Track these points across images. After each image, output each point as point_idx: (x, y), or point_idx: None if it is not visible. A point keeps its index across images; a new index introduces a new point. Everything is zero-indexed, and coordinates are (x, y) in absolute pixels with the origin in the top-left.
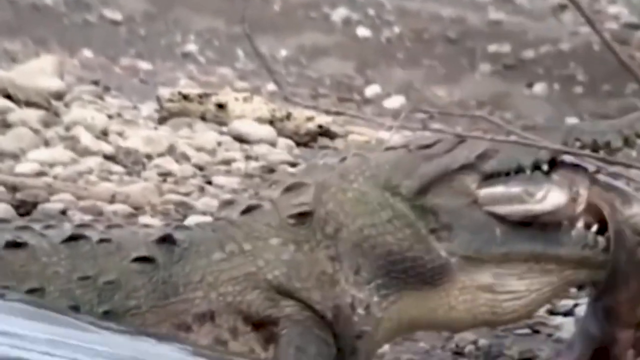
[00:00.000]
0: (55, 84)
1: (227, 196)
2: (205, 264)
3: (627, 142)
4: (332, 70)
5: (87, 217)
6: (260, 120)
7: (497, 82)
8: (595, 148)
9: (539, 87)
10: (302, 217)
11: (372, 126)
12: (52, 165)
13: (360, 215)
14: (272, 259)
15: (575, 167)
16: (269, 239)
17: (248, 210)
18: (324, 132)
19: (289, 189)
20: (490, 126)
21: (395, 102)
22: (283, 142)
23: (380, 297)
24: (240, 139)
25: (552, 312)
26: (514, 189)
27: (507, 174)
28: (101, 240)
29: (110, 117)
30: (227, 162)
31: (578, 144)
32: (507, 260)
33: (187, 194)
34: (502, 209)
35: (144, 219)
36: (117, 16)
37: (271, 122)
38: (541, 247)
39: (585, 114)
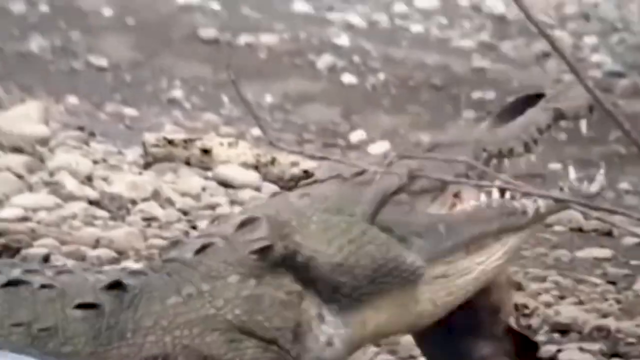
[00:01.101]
0: (40, 129)
1: (172, 237)
2: (159, 309)
3: (527, 148)
4: (317, 116)
5: (71, 262)
6: (245, 165)
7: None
8: (501, 156)
9: None
10: (263, 252)
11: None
12: (35, 210)
13: (334, 239)
14: (232, 297)
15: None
16: (228, 277)
17: (202, 249)
18: (309, 177)
19: (243, 225)
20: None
21: (380, 147)
22: (268, 187)
23: (356, 303)
24: (225, 184)
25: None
26: None
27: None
28: (42, 286)
29: (95, 162)
30: (212, 207)
31: (485, 154)
32: (457, 249)
33: (171, 239)
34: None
35: (128, 264)
36: (103, 63)
37: (256, 167)
38: (478, 228)
39: (569, 160)
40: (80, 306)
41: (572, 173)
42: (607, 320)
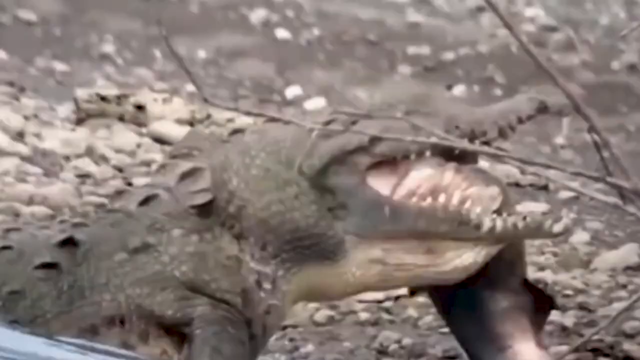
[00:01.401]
0: None
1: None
2: (109, 266)
3: (502, 133)
4: (251, 71)
5: (3, 219)
6: (179, 121)
7: (417, 84)
8: (472, 137)
9: (459, 89)
10: (204, 205)
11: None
12: None
13: (266, 191)
14: (176, 254)
15: (447, 152)
16: (172, 231)
17: (146, 200)
18: None
19: (185, 176)
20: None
21: (316, 103)
22: None
23: (285, 270)
24: (160, 140)
25: None
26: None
27: (394, 158)
28: (3, 248)
29: (26, 118)
30: (147, 163)
31: (457, 132)
32: (395, 236)
33: (106, 196)
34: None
35: None
36: (32, 17)
37: (191, 124)
38: (423, 224)
39: None
40: (41, 266)
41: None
42: (544, 273)
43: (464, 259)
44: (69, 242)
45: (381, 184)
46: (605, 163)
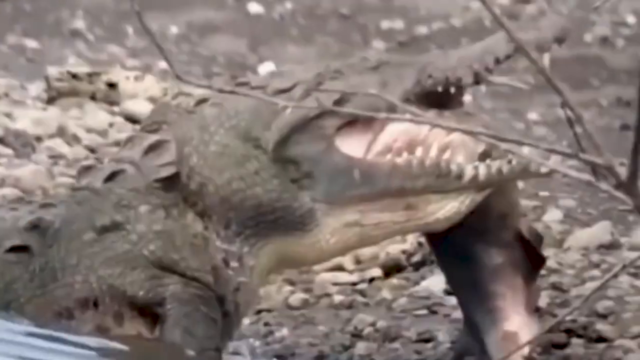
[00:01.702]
0: None
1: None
2: (79, 246)
3: (477, 78)
4: (224, 47)
5: None
6: (152, 99)
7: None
8: (447, 84)
9: None
10: (169, 179)
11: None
12: None
13: (226, 169)
14: (144, 232)
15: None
16: (138, 207)
17: (112, 176)
18: None
19: (150, 149)
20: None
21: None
22: None
23: (251, 246)
24: (133, 119)
25: (449, 293)
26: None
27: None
28: None
29: None
30: (120, 143)
31: (430, 81)
32: (369, 198)
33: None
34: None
35: None
36: None
37: None
38: (398, 182)
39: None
40: (11, 249)
41: None
42: None
43: (447, 210)
44: (38, 224)
45: (355, 143)
46: (578, 139)
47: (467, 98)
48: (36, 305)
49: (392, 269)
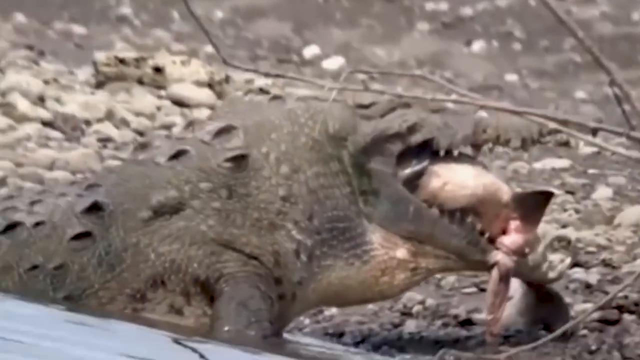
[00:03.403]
0: None
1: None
2: (135, 225)
3: (524, 145)
4: (269, 31)
5: (28, 184)
6: (198, 83)
7: (436, 41)
8: (496, 142)
9: (478, 45)
10: (238, 160)
11: (313, 88)
12: None
13: (315, 162)
14: (202, 207)
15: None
16: (199, 184)
17: (177, 155)
18: (264, 94)
19: (220, 132)
20: (431, 85)
21: (334, 62)
22: None
23: (322, 253)
24: (180, 102)
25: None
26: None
27: (419, 152)
28: (37, 224)
29: (46, 82)
30: (167, 126)
31: (485, 135)
32: (413, 237)
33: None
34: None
35: None
36: None
37: (210, 86)
38: (438, 232)
39: (524, 70)
40: (75, 237)
41: None
42: (566, 230)
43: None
44: (94, 207)
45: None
46: (627, 116)
47: (511, 77)
48: (110, 290)
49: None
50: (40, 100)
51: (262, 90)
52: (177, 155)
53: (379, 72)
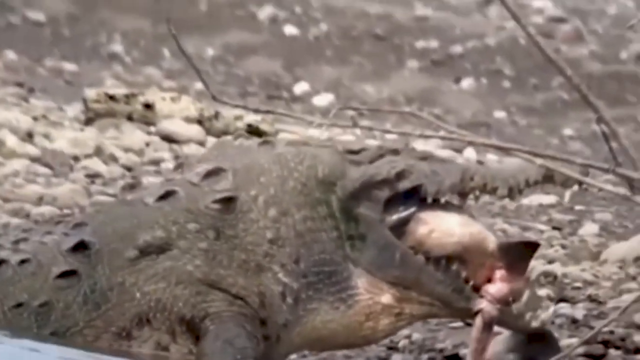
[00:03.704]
0: None
1: (128, 180)
2: (121, 264)
3: (510, 193)
4: (260, 68)
5: (15, 220)
6: (188, 119)
7: (425, 78)
8: (483, 190)
9: (467, 82)
10: (226, 202)
11: (302, 124)
12: None
13: (303, 206)
14: (189, 247)
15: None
16: (187, 225)
17: (165, 196)
18: (253, 130)
19: (209, 174)
20: (420, 122)
21: (324, 99)
22: (212, 141)
23: (308, 297)
24: (169, 138)
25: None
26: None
27: (406, 198)
28: (22, 262)
29: (35, 119)
30: (156, 162)
31: (472, 183)
32: (399, 283)
33: (115, 195)
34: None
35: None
36: (41, 17)
37: (199, 122)
38: (425, 280)
39: (513, 108)
40: (61, 275)
41: None
42: (553, 266)
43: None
44: (80, 246)
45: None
46: (614, 154)
47: (500, 114)
48: (94, 328)
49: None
50: (29, 136)
51: (251, 127)
52: (166, 196)
53: (368, 108)
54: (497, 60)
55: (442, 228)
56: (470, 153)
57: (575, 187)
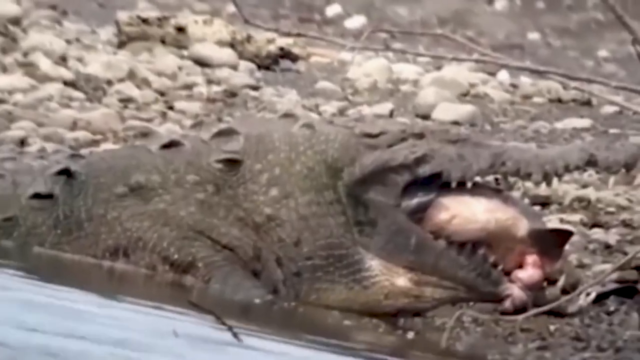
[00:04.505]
0: (12, 9)
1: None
2: (107, 197)
3: (546, 179)
4: None
5: (49, 145)
6: (220, 43)
7: (458, 0)
8: (517, 175)
9: (500, 3)
10: (230, 163)
11: (334, 47)
12: (11, 92)
13: (308, 190)
14: (184, 195)
15: (493, 190)
16: (186, 176)
17: (169, 145)
18: (286, 54)
19: (220, 134)
20: (453, 44)
21: (356, 22)
22: (244, 65)
23: (316, 278)
24: (201, 62)
25: None
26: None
27: (429, 182)
28: None
29: (68, 42)
30: (189, 86)
31: (504, 168)
32: (416, 268)
33: (149, 120)
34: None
35: (107, 146)
36: None
37: (232, 45)
38: (446, 264)
39: (547, 29)
40: (36, 196)
41: None
42: (586, 190)
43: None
44: (65, 173)
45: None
46: None
47: (534, 36)
48: (62, 252)
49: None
50: (63, 60)
51: (283, 50)
52: (170, 145)
53: (401, 31)
54: None
55: (465, 214)
56: (503, 76)
57: (622, 171)
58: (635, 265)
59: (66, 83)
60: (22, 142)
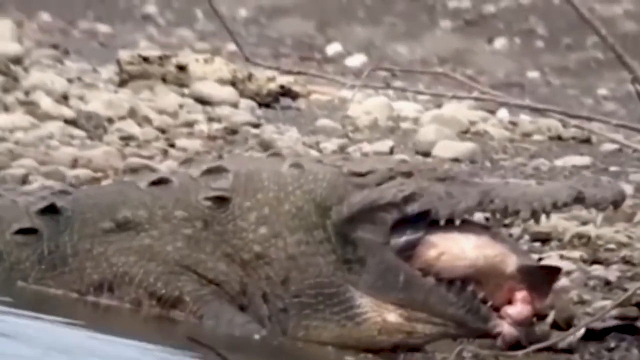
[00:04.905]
0: (13, 48)
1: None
2: (93, 233)
3: (534, 216)
4: (292, 29)
5: (50, 182)
6: (221, 81)
7: (458, 38)
8: (504, 213)
9: (500, 42)
10: (219, 201)
11: (335, 85)
12: (12, 130)
13: (297, 230)
14: (171, 230)
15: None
16: (174, 212)
17: (158, 182)
18: (286, 92)
19: (209, 171)
20: (453, 83)
21: (356, 60)
22: (245, 103)
23: (304, 315)
24: (202, 100)
25: None
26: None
27: (418, 220)
28: None
29: (70, 80)
30: (190, 124)
31: (492, 206)
32: (405, 305)
33: (150, 158)
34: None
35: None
36: None
37: (233, 83)
38: (435, 301)
39: (547, 68)
40: (20, 232)
41: None
42: (587, 227)
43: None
44: (50, 210)
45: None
46: None
47: (533, 74)
48: (45, 287)
49: None
50: (64, 98)
51: (284, 88)
52: (159, 182)
53: (401, 69)
54: (531, 19)
55: (453, 251)
56: (503, 113)
57: (610, 209)
58: (636, 301)
59: (67, 121)
60: (24, 180)
